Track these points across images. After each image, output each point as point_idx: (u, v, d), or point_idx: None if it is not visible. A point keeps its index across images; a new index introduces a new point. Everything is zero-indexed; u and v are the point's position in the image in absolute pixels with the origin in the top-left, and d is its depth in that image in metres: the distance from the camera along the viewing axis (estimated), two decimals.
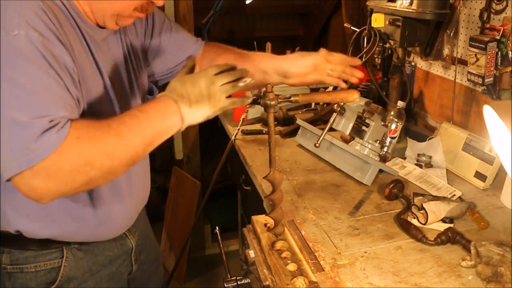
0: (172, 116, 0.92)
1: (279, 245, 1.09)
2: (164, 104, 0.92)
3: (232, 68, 0.97)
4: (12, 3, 0.84)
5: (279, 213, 1.09)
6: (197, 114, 0.93)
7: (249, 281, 1.13)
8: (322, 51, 1.23)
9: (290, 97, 1.04)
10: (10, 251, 1.07)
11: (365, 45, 1.68)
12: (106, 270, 1.20)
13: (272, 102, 0.99)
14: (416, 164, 1.63)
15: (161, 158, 3.33)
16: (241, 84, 0.96)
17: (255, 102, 1.01)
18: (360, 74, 1.24)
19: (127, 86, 1.13)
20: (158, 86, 1.30)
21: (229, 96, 0.96)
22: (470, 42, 1.49)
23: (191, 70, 1.00)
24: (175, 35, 1.26)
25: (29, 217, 1.03)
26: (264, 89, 1.00)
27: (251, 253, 1.09)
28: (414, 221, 1.27)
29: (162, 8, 2.43)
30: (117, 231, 1.19)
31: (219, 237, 1.34)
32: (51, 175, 0.82)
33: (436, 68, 1.87)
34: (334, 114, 1.52)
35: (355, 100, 1.13)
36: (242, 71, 0.96)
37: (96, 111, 1.00)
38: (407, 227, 1.23)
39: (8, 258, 1.08)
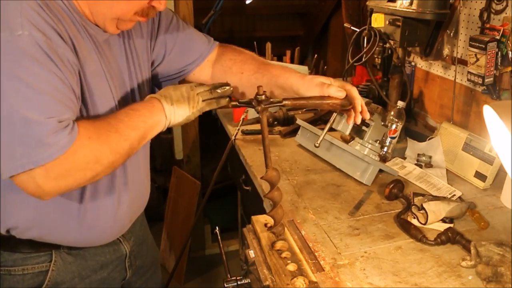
0: (158, 112, 1.00)
1: (279, 245, 1.09)
2: (151, 102, 1.02)
3: (215, 86, 1.05)
4: (11, 2, 0.84)
5: (279, 212, 1.09)
6: (178, 113, 1.02)
7: (249, 281, 1.13)
8: (347, 87, 1.15)
9: (282, 101, 1.06)
10: (0, 253, 1.07)
11: (365, 45, 1.68)
12: (97, 275, 1.19)
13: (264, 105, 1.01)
14: (416, 164, 1.63)
15: (161, 158, 3.34)
16: (218, 90, 1.04)
17: (248, 104, 1.03)
18: (366, 116, 1.19)
19: (129, 87, 1.12)
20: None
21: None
22: (470, 42, 1.49)
23: None
24: (182, 35, 1.24)
25: (19, 215, 1.03)
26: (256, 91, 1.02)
27: (251, 253, 1.09)
28: (414, 221, 1.27)
29: None
30: (107, 238, 1.18)
31: (219, 237, 1.34)
32: (63, 173, 0.86)
33: (436, 68, 1.87)
34: (334, 114, 1.52)
35: (348, 106, 1.13)
36: (225, 91, 1.04)
37: (98, 108, 1.00)
38: (407, 227, 1.23)
39: None
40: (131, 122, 0.96)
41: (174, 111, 1.01)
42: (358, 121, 1.18)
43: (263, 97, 1.01)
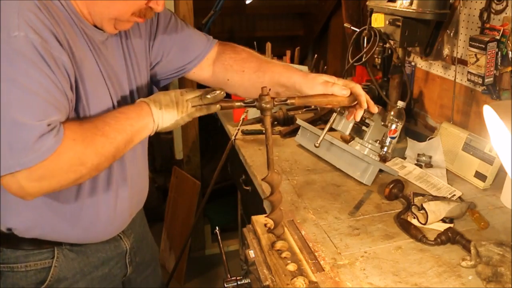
0: (146, 116, 1.00)
1: (279, 245, 1.09)
2: (139, 106, 1.01)
3: (206, 92, 1.04)
4: (9, 2, 0.84)
5: (278, 214, 1.09)
6: (166, 117, 1.02)
7: (249, 281, 1.13)
8: (350, 85, 1.15)
9: (286, 100, 1.04)
10: (1, 250, 1.08)
11: (365, 45, 1.68)
12: (98, 271, 1.19)
13: (268, 105, 0.99)
14: (416, 164, 1.63)
15: (161, 158, 3.34)
16: (208, 96, 1.02)
17: (251, 105, 1.02)
18: (375, 110, 1.19)
19: (127, 88, 1.12)
20: (161, 87, 1.30)
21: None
22: (470, 42, 1.49)
23: None
24: (181, 35, 1.24)
25: (19, 215, 1.04)
26: (260, 92, 1.01)
27: (251, 253, 1.09)
28: (414, 221, 1.27)
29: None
30: (109, 234, 1.18)
31: (219, 237, 1.34)
32: (46, 175, 0.86)
33: (436, 68, 1.87)
34: (334, 114, 1.52)
35: (350, 103, 1.13)
36: (215, 96, 1.02)
37: (95, 110, 1.00)
38: (407, 227, 1.23)
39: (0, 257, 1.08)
40: (118, 125, 0.96)
41: (162, 116, 1.01)
42: (358, 118, 1.17)
43: (268, 97, 0.99)
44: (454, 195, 1.43)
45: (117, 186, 1.12)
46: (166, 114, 1.02)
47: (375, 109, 1.17)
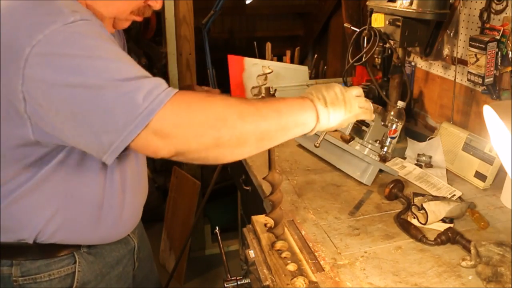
0: (309, 111, 0.91)
1: (279, 245, 1.09)
2: (302, 100, 0.92)
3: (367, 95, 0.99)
4: (44, 2, 0.82)
5: (279, 214, 1.09)
6: (332, 116, 0.93)
7: (249, 281, 1.13)
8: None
9: None
10: (20, 263, 1.04)
11: (365, 45, 1.68)
12: (114, 271, 1.19)
13: None
14: (416, 164, 1.63)
15: (161, 158, 3.33)
16: (370, 102, 0.96)
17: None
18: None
19: None
20: None
21: None
22: (470, 42, 1.49)
23: None
24: None
25: (45, 219, 1.01)
26: (263, 93, 1.01)
27: (251, 253, 1.09)
28: (414, 221, 1.27)
29: (161, 9, 2.43)
30: (127, 231, 1.19)
31: (219, 237, 1.34)
32: (180, 119, 0.78)
33: (436, 68, 1.87)
34: None
35: None
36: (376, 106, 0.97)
37: None
38: (407, 227, 1.23)
39: (19, 270, 1.05)
40: (274, 106, 0.86)
41: (328, 114, 0.92)
42: None
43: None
44: (454, 195, 1.43)
45: (133, 183, 1.12)
46: (332, 114, 0.92)
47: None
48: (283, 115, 0.87)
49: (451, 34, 1.74)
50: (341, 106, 0.93)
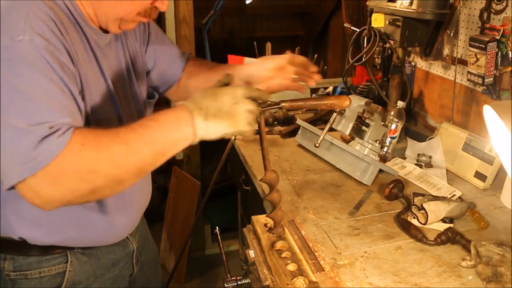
0: (184, 127, 0.88)
1: (279, 245, 1.09)
2: (178, 113, 0.89)
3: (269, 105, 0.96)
4: (19, 7, 0.83)
5: (278, 214, 1.09)
6: (212, 129, 0.89)
7: (249, 281, 1.13)
8: (287, 53, 1.23)
9: (279, 104, 1.02)
10: (13, 258, 1.06)
11: (365, 45, 1.68)
12: (109, 273, 1.19)
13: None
14: (416, 164, 1.63)
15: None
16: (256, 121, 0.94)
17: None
18: (317, 77, 1.25)
19: (129, 90, 1.13)
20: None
21: None
22: (470, 42, 1.49)
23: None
24: (167, 48, 1.27)
25: (33, 224, 1.02)
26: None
27: (251, 253, 1.09)
28: (414, 221, 1.27)
29: None
30: (121, 236, 1.19)
31: (219, 237, 1.34)
32: (54, 181, 0.80)
33: (436, 68, 1.87)
34: (334, 114, 1.52)
35: (346, 107, 1.12)
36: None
37: (100, 116, 0.99)
38: (407, 227, 1.23)
39: (11, 264, 1.06)
40: (146, 135, 0.85)
41: (207, 128, 0.88)
42: (312, 84, 1.25)
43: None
44: (454, 195, 1.43)
45: (130, 189, 1.11)
46: (212, 127, 0.89)
47: (314, 68, 1.25)
48: (157, 143, 0.86)
49: (451, 34, 1.74)
50: (224, 120, 0.88)
